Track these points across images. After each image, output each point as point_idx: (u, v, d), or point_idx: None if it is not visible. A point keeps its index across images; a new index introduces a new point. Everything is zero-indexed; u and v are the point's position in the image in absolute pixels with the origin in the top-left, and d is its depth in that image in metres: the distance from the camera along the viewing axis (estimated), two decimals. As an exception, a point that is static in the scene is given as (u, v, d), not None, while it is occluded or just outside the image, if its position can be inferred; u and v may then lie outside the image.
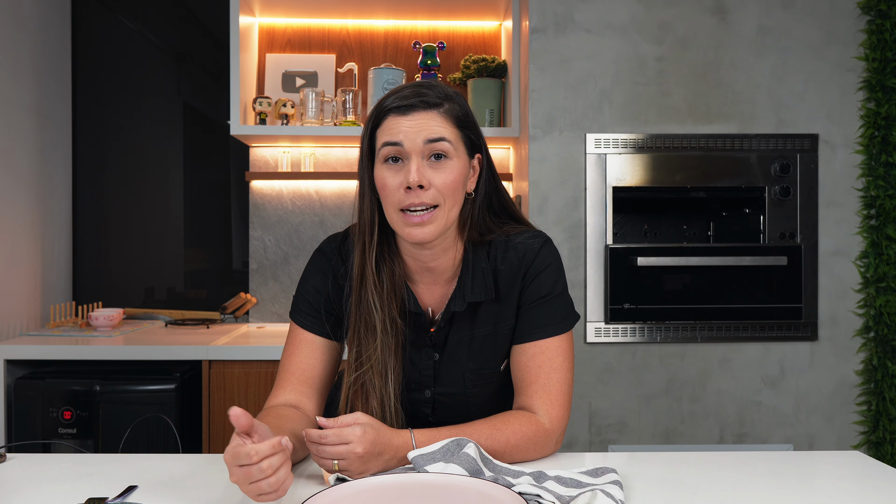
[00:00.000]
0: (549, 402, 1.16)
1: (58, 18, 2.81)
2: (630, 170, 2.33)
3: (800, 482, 1.06)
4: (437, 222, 1.11)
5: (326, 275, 1.24)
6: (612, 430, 2.33)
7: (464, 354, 1.20)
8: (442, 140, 1.10)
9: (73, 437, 2.18)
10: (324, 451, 0.99)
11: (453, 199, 1.12)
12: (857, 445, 2.36)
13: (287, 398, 1.20)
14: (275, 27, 2.88)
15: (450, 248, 1.19)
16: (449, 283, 1.21)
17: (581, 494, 0.93)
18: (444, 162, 1.11)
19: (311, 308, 1.23)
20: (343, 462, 0.99)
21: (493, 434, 1.10)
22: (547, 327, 1.18)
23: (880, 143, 2.35)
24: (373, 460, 1.01)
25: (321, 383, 1.23)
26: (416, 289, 1.22)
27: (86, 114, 2.92)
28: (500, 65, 2.68)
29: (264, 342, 2.38)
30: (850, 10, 2.36)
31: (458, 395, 1.21)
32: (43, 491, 0.99)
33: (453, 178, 1.11)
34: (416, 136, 1.10)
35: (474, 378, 1.20)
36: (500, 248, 1.20)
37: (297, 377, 1.21)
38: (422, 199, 1.10)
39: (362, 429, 1.00)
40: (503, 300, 1.19)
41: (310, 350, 1.22)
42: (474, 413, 1.21)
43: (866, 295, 2.36)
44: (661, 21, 2.34)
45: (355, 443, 0.99)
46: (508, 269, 1.19)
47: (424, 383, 1.21)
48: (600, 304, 2.31)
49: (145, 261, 2.93)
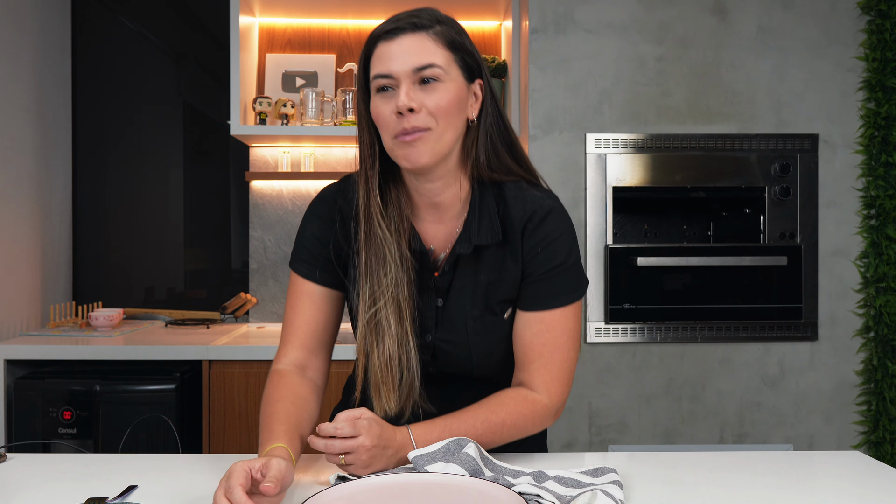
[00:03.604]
0: (549, 380, 1.16)
1: (58, 18, 2.81)
2: (630, 170, 2.33)
3: (800, 482, 1.06)
4: (429, 143, 1.09)
5: (325, 221, 1.21)
6: (612, 430, 2.33)
7: (467, 300, 1.17)
8: (431, 66, 1.08)
9: (73, 437, 2.18)
10: (333, 446, 0.98)
11: (447, 121, 1.09)
12: (857, 445, 2.36)
13: (295, 357, 1.19)
14: (275, 27, 2.88)
15: (454, 181, 1.16)
16: (454, 220, 1.18)
17: (581, 494, 0.93)
18: (435, 85, 1.09)
19: (311, 256, 1.21)
20: (350, 456, 0.99)
21: (489, 417, 1.11)
22: (560, 296, 1.16)
23: (880, 143, 2.35)
24: (378, 455, 1.01)
25: (326, 336, 1.22)
26: (421, 227, 1.19)
27: (86, 114, 2.92)
28: (500, 65, 2.68)
29: (264, 342, 2.38)
30: (850, 10, 2.36)
31: (459, 343, 1.17)
32: (43, 491, 0.99)
33: (446, 101, 1.09)
34: (405, 63, 1.08)
35: (477, 326, 1.17)
36: (510, 192, 1.17)
37: (301, 332, 1.20)
38: (412, 122, 1.07)
39: (368, 422, 1.00)
40: (509, 245, 1.17)
41: (311, 302, 1.21)
42: (476, 363, 1.18)
43: (866, 295, 2.36)
44: (661, 21, 2.34)
45: (364, 435, 0.99)
46: (515, 217, 1.16)
47: (426, 327, 1.17)
48: (600, 304, 2.31)
49: (145, 261, 2.93)
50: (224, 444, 2.25)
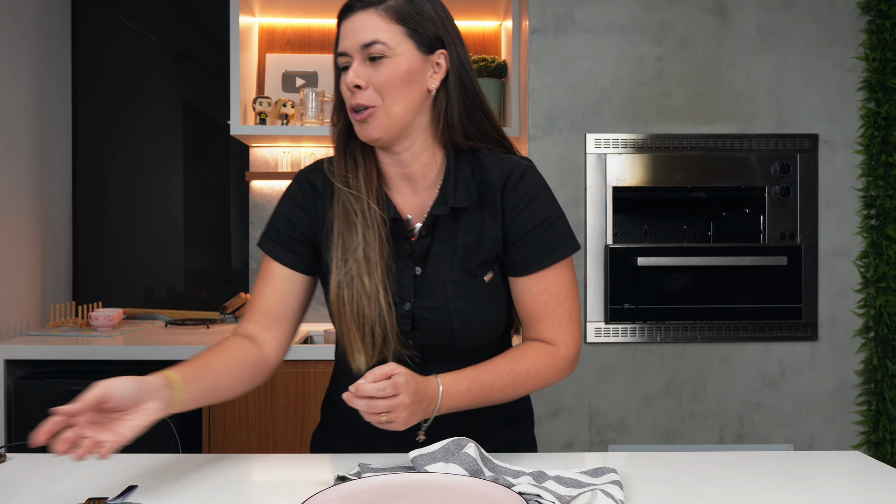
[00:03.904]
0: (560, 334, 1.18)
1: (58, 18, 2.81)
2: (630, 170, 2.33)
3: (800, 482, 1.06)
4: (377, 120, 1.11)
5: (297, 201, 1.22)
6: (612, 430, 2.33)
7: (446, 265, 1.16)
8: (375, 43, 1.10)
9: (73, 437, 2.18)
10: (376, 406, 0.98)
11: (393, 96, 1.11)
12: (857, 445, 2.36)
13: (245, 329, 1.21)
14: (275, 27, 2.88)
15: (423, 151, 1.17)
16: (429, 191, 1.19)
17: (581, 494, 0.93)
18: (381, 61, 1.10)
19: (279, 235, 1.21)
20: (391, 415, 0.99)
21: (513, 368, 1.13)
22: (553, 253, 1.17)
23: (880, 143, 2.35)
24: (416, 409, 1.02)
25: (284, 316, 1.21)
26: (396, 199, 1.19)
27: (86, 114, 2.92)
28: (500, 65, 2.68)
29: (264, 342, 2.38)
30: (850, 10, 2.36)
31: (439, 309, 1.16)
32: (43, 491, 0.99)
33: (392, 76, 1.10)
34: (355, 40, 1.11)
35: (457, 289, 1.16)
36: (486, 158, 1.19)
37: (259, 308, 1.21)
38: (358, 99, 1.10)
39: (405, 378, 1.00)
40: (486, 206, 1.17)
41: (274, 280, 1.21)
42: (457, 330, 1.16)
43: (866, 295, 2.36)
44: (661, 21, 2.34)
45: (403, 393, 0.99)
46: (493, 177, 1.17)
47: (404, 296, 1.16)
48: (600, 304, 2.31)
49: (145, 261, 2.93)
50: (224, 444, 2.25)
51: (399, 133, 1.14)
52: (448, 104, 1.16)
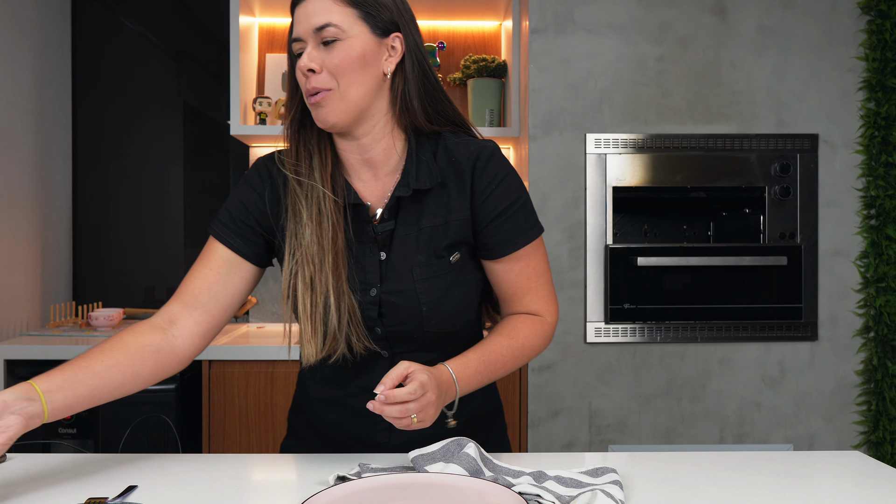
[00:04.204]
0: (544, 303, 1.22)
1: (58, 18, 2.81)
2: (630, 170, 2.33)
3: (800, 482, 1.06)
4: (333, 103, 1.10)
5: (253, 187, 1.19)
6: (612, 430, 2.33)
7: (411, 248, 1.15)
8: (327, 27, 1.09)
9: (73, 437, 2.18)
10: (408, 410, 0.99)
11: (348, 79, 1.10)
12: (857, 445, 2.36)
13: (168, 312, 1.15)
14: (275, 27, 2.88)
15: (383, 136, 1.16)
16: (390, 176, 1.18)
17: (581, 494, 0.93)
18: (334, 45, 1.09)
19: (231, 220, 1.18)
20: (421, 413, 1.00)
21: (511, 343, 1.16)
22: (528, 232, 1.18)
23: (880, 143, 2.35)
24: (440, 404, 1.03)
25: (214, 301, 1.16)
26: (357, 185, 1.18)
27: (86, 114, 2.92)
28: (500, 65, 2.68)
29: (264, 342, 2.38)
30: (850, 10, 2.36)
31: (406, 293, 1.14)
32: (43, 491, 0.99)
33: (345, 58, 1.09)
34: (308, 25, 1.10)
35: (423, 272, 1.14)
36: (451, 140, 1.19)
37: (189, 289, 1.16)
38: (312, 83, 1.10)
39: (427, 375, 1.01)
40: (451, 188, 1.16)
41: (210, 262, 1.17)
42: (426, 314, 1.14)
43: (866, 295, 2.36)
44: (661, 21, 2.34)
45: (430, 391, 1.00)
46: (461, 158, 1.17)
47: (369, 282, 1.15)
48: (600, 304, 2.31)
49: (145, 261, 2.93)
50: (224, 445, 2.25)
51: (356, 117, 1.13)
52: (406, 88, 1.16)
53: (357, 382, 1.18)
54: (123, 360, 1.07)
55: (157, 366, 1.11)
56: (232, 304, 1.18)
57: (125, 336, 1.11)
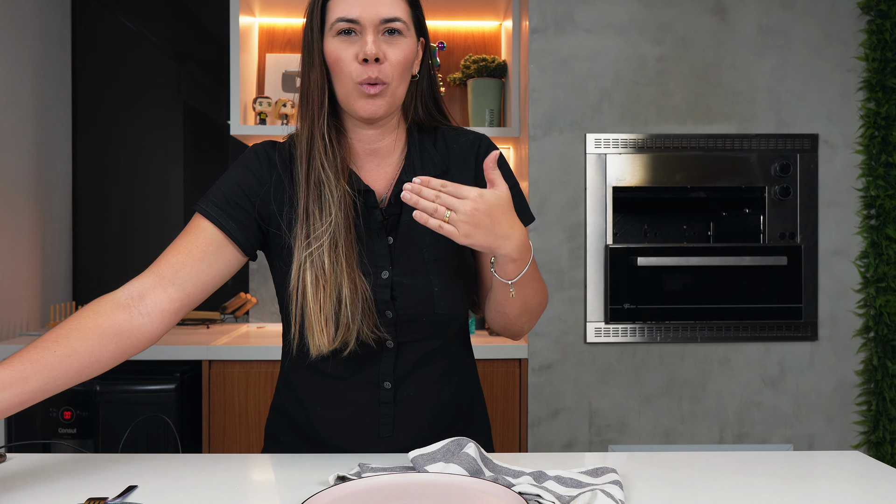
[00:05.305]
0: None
1: (58, 18, 2.81)
2: (630, 170, 2.33)
3: (800, 482, 1.06)
4: (386, 98, 1.11)
5: (252, 171, 1.17)
6: (612, 430, 2.33)
7: (418, 230, 1.16)
8: (397, 20, 1.10)
9: (73, 437, 2.18)
10: (442, 200, 0.99)
11: (401, 77, 1.12)
12: (857, 445, 2.37)
13: (140, 285, 1.10)
14: (275, 27, 2.88)
15: (393, 129, 1.20)
16: (394, 166, 1.20)
17: (581, 494, 0.93)
18: (398, 38, 1.10)
19: (224, 200, 1.14)
20: (455, 215, 0.99)
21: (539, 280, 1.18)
22: (523, 216, 1.19)
23: (880, 143, 2.35)
24: (482, 225, 1.01)
25: (194, 280, 1.11)
26: (362, 174, 1.19)
27: (86, 114, 2.92)
28: (500, 65, 2.68)
29: (264, 342, 2.38)
30: (850, 10, 2.36)
31: (417, 273, 1.15)
32: (43, 491, 0.99)
33: (405, 56, 1.11)
34: (373, 11, 1.08)
35: (433, 252, 1.16)
36: (449, 133, 1.23)
37: (170, 262, 1.11)
38: (377, 73, 1.09)
39: (477, 191, 1.01)
40: (453, 172, 1.19)
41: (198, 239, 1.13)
42: (438, 294, 1.15)
43: (866, 295, 2.36)
44: (661, 21, 2.34)
45: (474, 198, 1.00)
46: (464, 145, 1.21)
47: (381, 265, 1.14)
48: (600, 304, 2.31)
49: (145, 261, 2.91)
50: (224, 444, 2.25)
51: (393, 113, 1.17)
52: (421, 89, 1.21)
53: (360, 376, 1.17)
54: (80, 348, 1.01)
55: (118, 349, 1.06)
56: (208, 286, 1.13)
57: (83, 317, 1.05)
